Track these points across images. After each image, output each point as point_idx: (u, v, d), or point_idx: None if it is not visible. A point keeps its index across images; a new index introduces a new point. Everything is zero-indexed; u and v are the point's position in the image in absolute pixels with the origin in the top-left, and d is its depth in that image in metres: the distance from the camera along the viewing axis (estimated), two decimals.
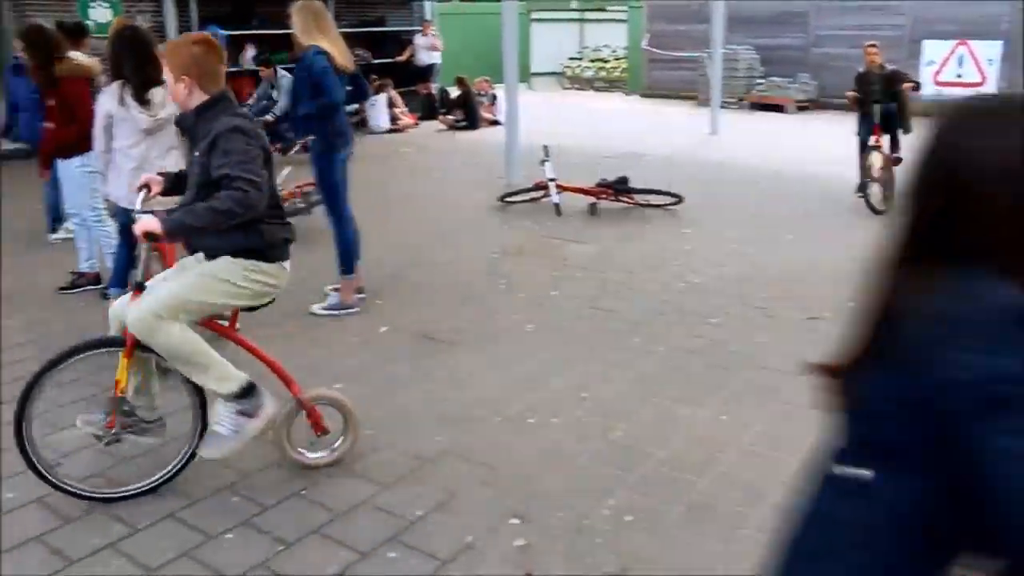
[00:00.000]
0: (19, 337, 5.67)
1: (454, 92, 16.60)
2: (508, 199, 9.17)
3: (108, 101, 5.00)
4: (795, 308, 5.92)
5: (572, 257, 7.23)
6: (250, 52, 15.09)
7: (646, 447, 4.11)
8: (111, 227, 6.02)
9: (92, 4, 13.54)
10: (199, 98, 3.57)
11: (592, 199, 8.79)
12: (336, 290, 5.96)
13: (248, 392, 3.62)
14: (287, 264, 3.79)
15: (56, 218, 8.00)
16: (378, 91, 15.42)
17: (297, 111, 5.59)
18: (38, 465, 3.57)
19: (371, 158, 11.83)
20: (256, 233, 3.56)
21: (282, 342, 5.43)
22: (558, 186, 8.81)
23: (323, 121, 5.56)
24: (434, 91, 17.14)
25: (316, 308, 5.90)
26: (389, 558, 3.29)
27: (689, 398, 4.62)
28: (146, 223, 3.36)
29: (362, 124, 15.09)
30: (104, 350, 3.67)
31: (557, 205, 8.70)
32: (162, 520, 3.56)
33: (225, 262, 3.57)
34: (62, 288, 6.53)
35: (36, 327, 5.85)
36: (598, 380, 4.86)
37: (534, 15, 25.64)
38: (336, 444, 3.96)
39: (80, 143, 5.79)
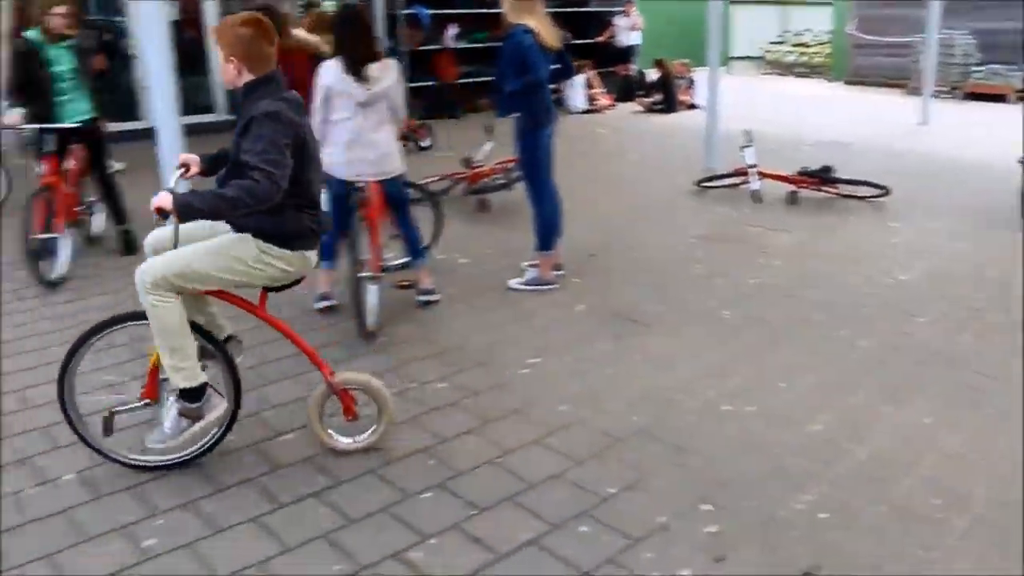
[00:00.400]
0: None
1: (651, 74, 16.44)
2: (705, 184, 9.01)
3: (327, 75, 5.21)
4: (1008, 311, 5.56)
5: (771, 246, 7.04)
6: (452, 31, 15.42)
7: (845, 443, 3.96)
8: (322, 196, 6.28)
9: None
10: (246, 78, 3.58)
11: (793, 187, 8.53)
12: (534, 266, 6.03)
13: (195, 395, 3.61)
14: (311, 254, 3.77)
15: None
16: (576, 71, 15.46)
17: (503, 88, 5.66)
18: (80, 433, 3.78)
19: (567, 138, 11.83)
20: (281, 219, 3.57)
21: (480, 314, 5.57)
22: (759, 173, 8.59)
23: (528, 98, 5.63)
24: (632, 73, 17.04)
25: (513, 283, 5.99)
26: (580, 532, 3.30)
27: (892, 396, 4.42)
28: (159, 199, 3.33)
29: (559, 104, 15.16)
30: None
31: (756, 192, 8.49)
32: (364, 475, 3.71)
33: (242, 239, 3.60)
34: None
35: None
36: (797, 371, 4.72)
37: None
38: (369, 430, 3.92)
39: None
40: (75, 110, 6.60)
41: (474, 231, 7.43)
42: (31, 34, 6.50)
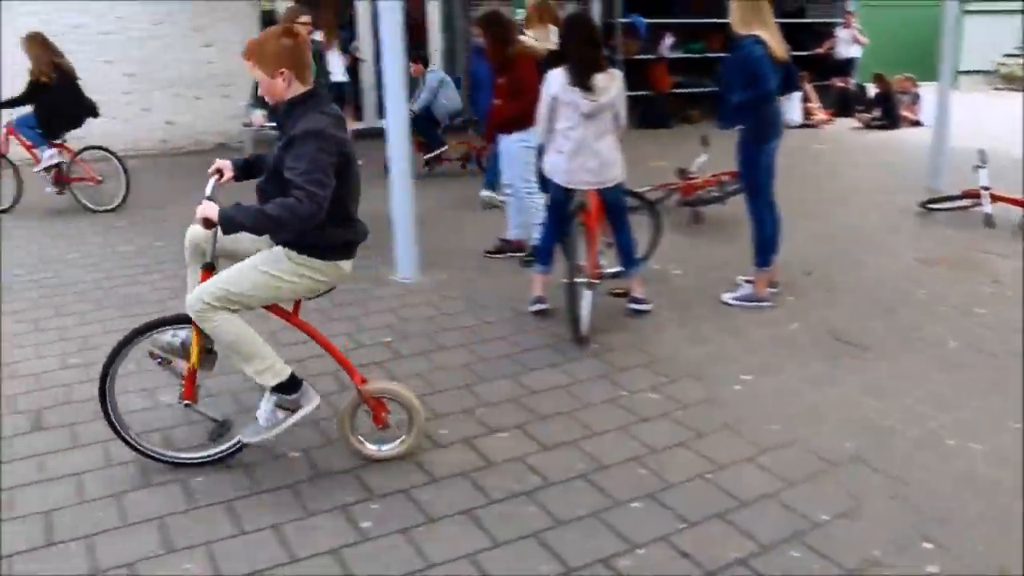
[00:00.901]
0: (454, 292, 6.24)
1: (872, 89, 15.79)
2: (931, 205, 8.57)
3: (554, 85, 5.30)
4: None
5: (1004, 274, 6.61)
6: (668, 40, 15.35)
7: None
8: (541, 200, 6.42)
9: None
10: (297, 90, 3.58)
11: None
12: (749, 281, 5.93)
13: (289, 387, 3.71)
14: (346, 264, 3.78)
15: (491, 183, 8.83)
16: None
17: (730, 100, 5.59)
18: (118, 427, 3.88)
19: (783, 152, 11.60)
20: (319, 232, 3.54)
21: (692, 326, 5.53)
22: (992, 195, 8.09)
23: (755, 111, 5.53)
24: (851, 87, 16.43)
25: (727, 297, 5.91)
26: (791, 556, 3.23)
27: None
28: (204, 209, 3.45)
29: None
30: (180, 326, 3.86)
31: (990, 216, 8.00)
32: (574, 479, 3.76)
33: (275, 255, 3.63)
34: (488, 252, 7.09)
35: (464, 285, 6.41)
36: None
37: (969, 6, 23.64)
38: (399, 439, 3.97)
39: (522, 119, 6.21)
40: None
41: (687, 243, 7.37)
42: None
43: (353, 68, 7.25)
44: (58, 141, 9.24)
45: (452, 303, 6.01)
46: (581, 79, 5.20)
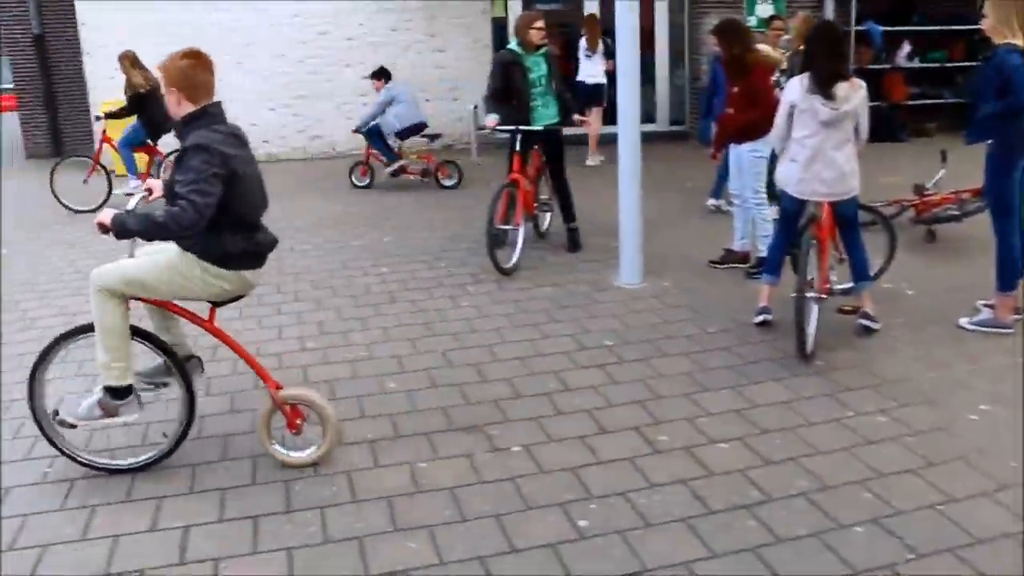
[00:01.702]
0: (676, 299, 6.23)
1: None
2: None
3: (792, 91, 5.20)
4: None
5: None
6: (905, 49, 14.65)
7: None
8: (769, 211, 6.29)
9: (759, 2, 14.17)
10: (186, 108, 3.77)
11: None
12: (989, 306, 5.58)
13: (119, 394, 3.87)
14: (249, 273, 3.97)
15: (715, 191, 8.92)
16: None
17: (980, 112, 5.28)
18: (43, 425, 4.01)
19: None
20: (218, 240, 3.79)
21: (925, 349, 5.26)
22: None
23: (1006, 124, 5.19)
24: None
25: (964, 322, 5.58)
26: None
27: None
28: (102, 215, 3.71)
29: None
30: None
31: None
32: (795, 496, 3.68)
33: (183, 256, 3.84)
34: (713, 262, 7.02)
35: (689, 293, 6.37)
36: None
37: None
38: (313, 447, 4.05)
39: (754, 129, 6.13)
40: (544, 115, 7.20)
41: (921, 262, 7.02)
42: (512, 46, 7.19)
43: (613, 73, 7.43)
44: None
45: (675, 311, 5.99)
46: (822, 86, 5.07)
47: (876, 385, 4.76)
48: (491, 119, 7.23)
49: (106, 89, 13.05)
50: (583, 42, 12.13)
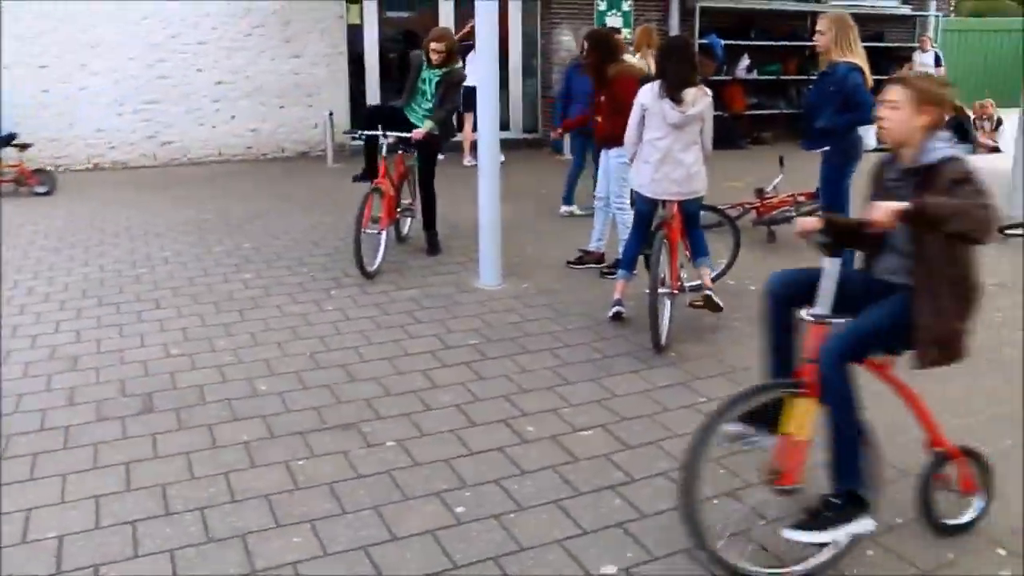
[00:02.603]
0: (536, 299, 6.46)
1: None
2: (1009, 231, 8.58)
3: (645, 95, 5.53)
4: None
5: None
6: (744, 62, 15.49)
7: None
8: (630, 215, 6.62)
9: (608, 14, 14.70)
10: None
11: None
12: None
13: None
14: None
15: (567, 198, 9.30)
16: None
17: (815, 123, 5.73)
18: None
19: (860, 175, 11.68)
20: None
21: None
22: None
23: (842, 135, 5.68)
24: None
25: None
26: (867, 556, 3.37)
27: None
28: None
29: None
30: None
31: None
32: (657, 476, 3.94)
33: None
34: (570, 263, 7.31)
35: (547, 293, 6.63)
36: None
37: None
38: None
39: (621, 136, 6.44)
40: (419, 120, 7.37)
41: (763, 260, 7.49)
42: (417, 53, 7.45)
43: None
44: None
45: (534, 310, 6.24)
46: (671, 91, 5.41)
47: (725, 373, 5.12)
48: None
49: None
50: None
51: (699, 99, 5.48)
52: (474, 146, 12.11)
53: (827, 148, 5.78)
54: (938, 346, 3.20)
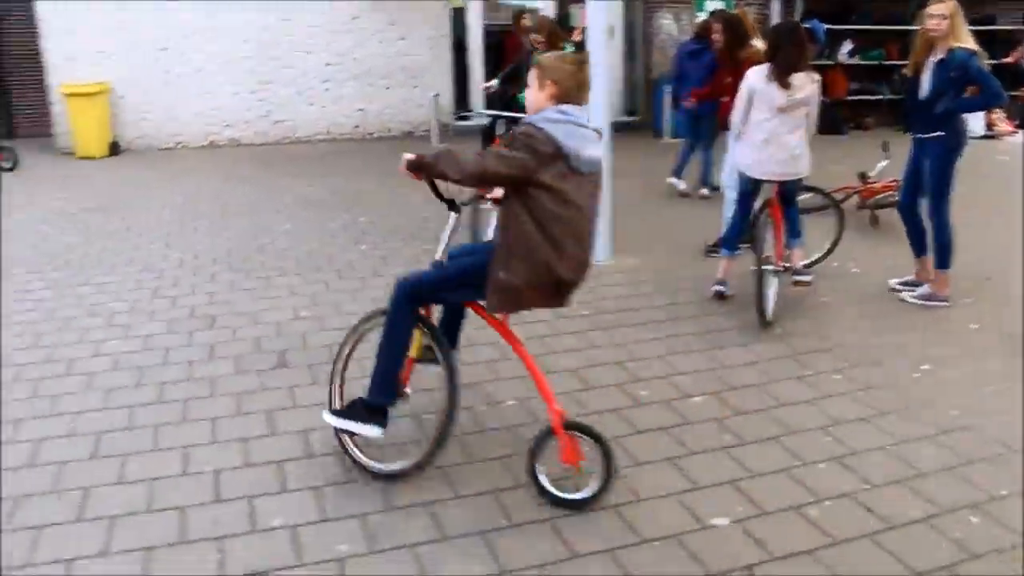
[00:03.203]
0: (644, 276, 6.69)
1: None
2: None
3: (753, 78, 5.70)
4: None
5: None
6: (846, 47, 15.36)
7: None
8: (731, 193, 6.77)
9: None
10: None
11: None
12: (928, 281, 6.15)
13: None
14: None
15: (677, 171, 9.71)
16: None
17: (935, 109, 5.77)
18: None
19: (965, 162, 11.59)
20: None
21: (872, 319, 5.81)
22: None
23: (952, 120, 5.76)
24: None
25: (907, 295, 6.14)
26: (969, 520, 3.52)
27: None
28: None
29: None
30: None
31: None
32: (767, 440, 4.16)
33: None
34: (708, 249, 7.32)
35: (654, 271, 6.87)
36: None
37: None
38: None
39: None
40: None
41: (865, 243, 7.59)
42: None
43: None
44: None
45: (644, 286, 6.47)
46: (780, 75, 5.57)
47: (829, 349, 5.29)
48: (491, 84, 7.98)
49: (67, 70, 13.16)
50: None
51: (806, 84, 5.63)
52: None
53: (941, 134, 5.83)
54: (497, 295, 3.60)
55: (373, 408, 3.79)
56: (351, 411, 3.84)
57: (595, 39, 6.94)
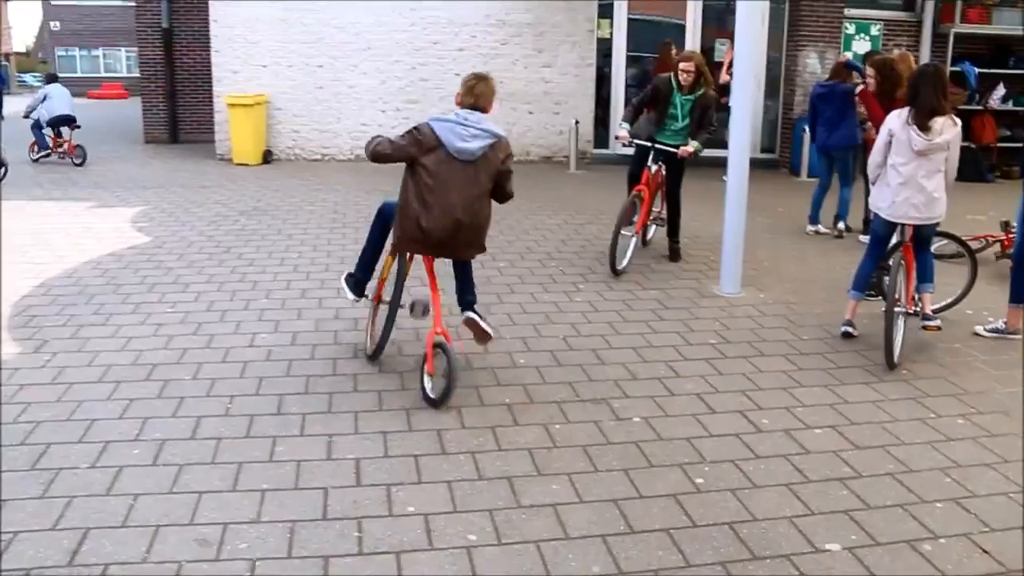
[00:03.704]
0: (772, 309, 6.80)
1: None
2: None
3: (893, 121, 5.77)
4: None
5: None
6: (1000, 91, 14.97)
7: None
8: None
9: (856, 38, 14.67)
10: None
11: None
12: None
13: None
14: None
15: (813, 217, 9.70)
16: None
17: None
18: None
19: None
20: None
21: (1002, 367, 5.76)
22: None
23: None
24: None
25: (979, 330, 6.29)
26: None
27: None
28: None
29: None
30: None
31: None
32: (882, 475, 4.24)
33: None
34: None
35: (783, 305, 6.94)
36: None
37: None
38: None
39: None
40: (672, 138, 7.88)
41: (1004, 293, 7.45)
42: (665, 77, 7.90)
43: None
44: None
45: (771, 319, 6.57)
46: (919, 119, 5.62)
47: (956, 394, 5.30)
48: (623, 130, 7.83)
49: (230, 82, 14.03)
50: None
51: (947, 128, 5.66)
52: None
53: None
54: (395, 238, 5.17)
55: (356, 280, 5.58)
56: (348, 280, 5.60)
57: (740, 80, 7.09)
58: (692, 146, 7.65)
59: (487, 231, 5.18)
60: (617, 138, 8.06)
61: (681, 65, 7.68)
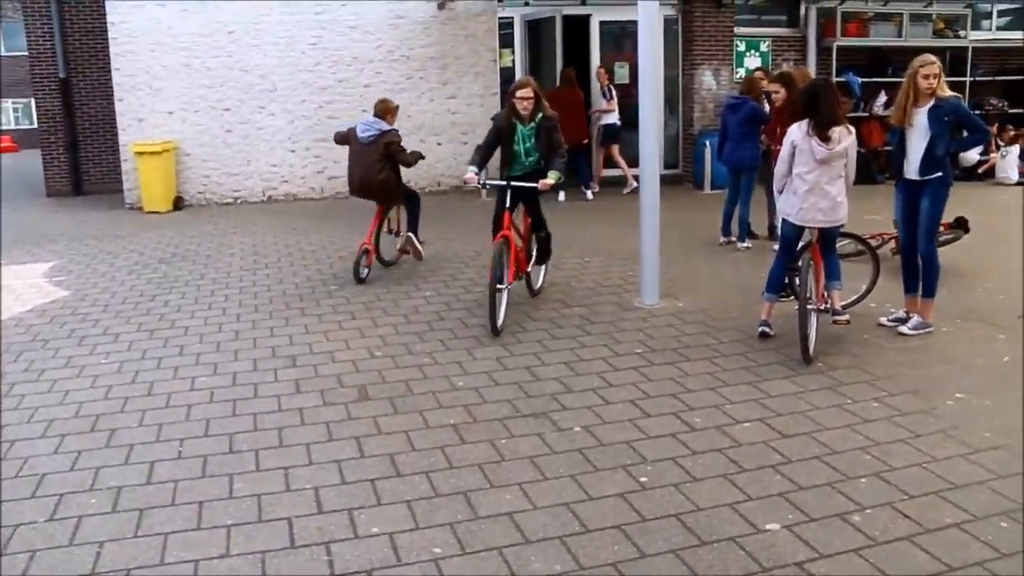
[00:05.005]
0: (692, 316, 7.14)
1: None
2: None
3: (795, 133, 6.18)
4: None
5: None
6: (882, 99, 15.79)
7: None
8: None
9: (747, 55, 15.37)
10: None
11: None
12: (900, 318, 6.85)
13: None
14: None
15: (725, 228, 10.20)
16: (1012, 142, 15.32)
17: (937, 150, 6.31)
18: None
19: (998, 210, 12.00)
20: None
21: (906, 354, 6.18)
22: None
23: (948, 161, 6.37)
24: None
25: (903, 329, 6.73)
26: (1000, 526, 3.90)
27: None
28: None
29: (990, 175, 15.21)
30: None
31: None
32: (811, 459, 4.57)
33: None
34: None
35: (700, 312, 7.30)
36: None
37: None
38: None
39: None
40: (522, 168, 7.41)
41: (900, 285, 7.96)
42: (504, 112, 7.41)
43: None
44: None
45: (692, 326, 6.92)
46: (819, 130, 6.04)
47: (868, 380, 5.70)
48: (471, 173, 7.23)
49: (136, 130, 13.96)
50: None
51: (844, 136, 6.09)
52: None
53: (940, 174, 6.40)
54: None
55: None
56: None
57: (646, 99, 7.47)
58: (552, 177, 6.99)
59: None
60: (466, 182, 7.39)
61: (518, 94, 7.15)
